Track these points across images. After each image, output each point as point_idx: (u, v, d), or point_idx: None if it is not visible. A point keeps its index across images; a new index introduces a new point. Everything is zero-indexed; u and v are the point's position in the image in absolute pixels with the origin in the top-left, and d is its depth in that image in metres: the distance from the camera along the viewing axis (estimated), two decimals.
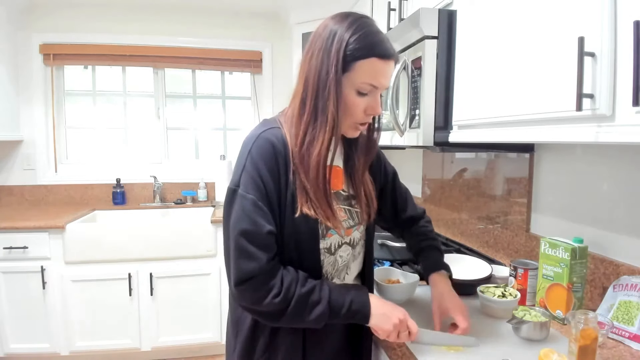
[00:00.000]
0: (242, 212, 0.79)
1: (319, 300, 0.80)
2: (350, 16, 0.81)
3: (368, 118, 0.85)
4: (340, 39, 0.78)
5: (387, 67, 0.81)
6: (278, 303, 0.78)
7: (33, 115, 2.76)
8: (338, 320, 0.83)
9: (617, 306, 0.94)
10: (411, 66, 1.28)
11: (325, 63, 0.78)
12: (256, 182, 0.79)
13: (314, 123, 0.80)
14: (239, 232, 0.78)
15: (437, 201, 2.07)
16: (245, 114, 3.16)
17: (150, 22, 2.86)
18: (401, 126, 1.34)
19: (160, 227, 2.37)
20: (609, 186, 1.10)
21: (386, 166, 1.08)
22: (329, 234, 0.87)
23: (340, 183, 0.92)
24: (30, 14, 2.71)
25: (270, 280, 0.78)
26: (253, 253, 0.78)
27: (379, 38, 0.80)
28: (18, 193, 2.79)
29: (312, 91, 0.80)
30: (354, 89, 0.81)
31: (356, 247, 0.95)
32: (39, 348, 2.27)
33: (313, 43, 0.82)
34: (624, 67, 0.66)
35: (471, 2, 1.10)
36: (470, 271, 1.23)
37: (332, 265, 0.90)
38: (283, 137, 0.82)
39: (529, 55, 0.87)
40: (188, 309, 2.38)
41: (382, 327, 0.83)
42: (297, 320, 0.81)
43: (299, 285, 0.80)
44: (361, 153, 0.93)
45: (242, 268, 0.78)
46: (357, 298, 0.84)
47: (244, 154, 0.82)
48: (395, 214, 1.10)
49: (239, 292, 0.79)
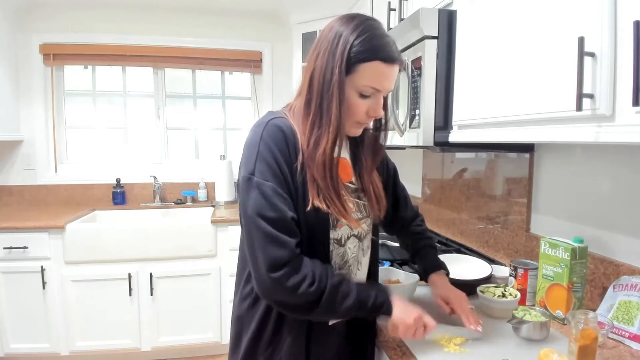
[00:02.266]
0: (263, 199, 0.77)
1: (349, 292, 0.81)
2: (357, 18, 0.82)
3: (370, 119, 0.86)
4: (345, 41, 0.78)
5: (390, 71, 0.81)
6: (313, 292, 0.77)
7: (33, 115, 2.76)
8: (364, 312, 0.84)
9: (617, 306, 0.94)
10: (411, 66, 1.28)
11: (330, 64, 0.79)
12: (273, 169, 0.78)
13: (319, 123, 0.81)
14: (263, 220, 0.76)
15: (437, 201, 2.07)
16: (245, 114, 3.16)
17: (150, 22, 2.86)
18: (401, 126, 1.34)
19: (160, 227, 2.37)
20: (609, 186, 1.10)
21: (388, 162, 1.09)
22: (339, 224, 0.87)
23: (348, 175, 0.92)
24: (30, 14, 2.70)
25: (302, 268, 0.78)
26: (281, 238, 0.77)
27: (384, 41, 0.80)
28: (18, 193, 2.79)
29: (317, 91, 0.81)
30: (356, 91, 0.81)
31: (364, 240, 0.95)
32: (39, 348, 2.27)
33: (319, 44, 0.83)
34: (624, 67, 0.66)
35: (471, 2, 1.10)
36: (470, 271, 1.24)
37: (341, 257, 0.90)
38: (291, 127, 0.83)
39: (529, 55, 0.87)
40: (188, 309, 2.38)
41: (405, 321, 0.84)
42: (328, 312, 0.81)
43: (330, 275, 0.80)
44: (368, 153, 0.94)
45: (272, 255, 0.76)
46: (380, 292, 0.86)
47: (255, 140, 0.81)
48: (395, 211, 1.11)
49: (273, 280, 0.76)
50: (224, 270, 2.40)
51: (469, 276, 1.19)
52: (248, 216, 0.78)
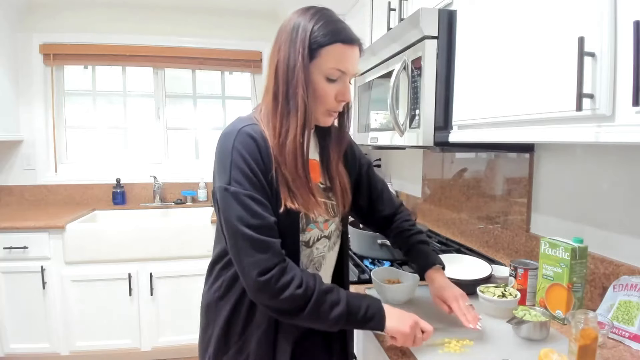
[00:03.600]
0: (243, 209, 0.78)
1: (338, 301, 0.81)
2: (312, 8, 0.86)
3: (339, 105, 0.88)
4: (305, 29, 0.82)
5: (351, 51, 0.84)
6: (301, 295, 0.77)
7: (33, 115, 2.76)
8: (353, 324, 0.83)
9: (617, 306, 0.94)
10: (411, 66, 1.28)
11: (292, 53, 0.81)
12: (248, 177, 0.79)
13: (287, 112, 0.82)
14: (247, 227, 0.77)
15: (437, 201, 2.07)
16: (245, 114, 3.15)
17: (150, 22, 2.86)
18: (401, 126, 1.34)
19: (160, 227, 2.37)
20: (609, 186, 1.10)
21: (361, 158, 1.10)
22: (308, 228, 0.89)
23: (317, 176, 0.94)
24: (30, 14, 2.70)
25: (290, 270, 0.79)
26: (266, 242, 0.78)
27: (341, 26, 0.84)
28: (18, 193, 2.79)
29: (283, 83, 0.82)
30: (323, 76, 0.83)
31: (331, 237, 0.97)
32: (39, 348, 2.27)
33: (279, 37, 0.86)
34: (624, 67, 0.66)
35: (471, 2, 1.10)
36: (470, 271, 1.23)
37: (308, 257, 0.92)
38: (262, 133, 0.83)
39: (529, 55, 0.87)
40: (188, 309, 2.38)
41: (400, 330, 0.83)
42: (315, 318, 0.80)
43: (318, 282, 0.81)
44: (334, 143, 0.96)
45: (259, 258, 0.77)
46: (372, 303, 0.85)
47: (227, 149, 0.81)
48: (372, 206, 1.11)
49: (262, 283, 0.77)
50: None
51: (469, 276, 1.19)
52: (231, 226, 0.79)
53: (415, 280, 1.13)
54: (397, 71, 1.32)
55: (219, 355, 0.90)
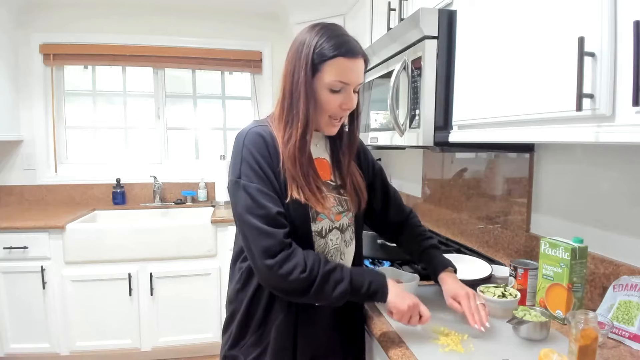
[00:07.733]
0: (250, 199, 0.86)
1: (342, 279, 0.88)
2: (318, 25, 0.92)
3: (344, 112, 0.94)
4: (309, 45, 0.89)
5: (353, 64, 0.89)
6: (305, 279, 0.84)
7: (33, 115, 2.76)
8: (358, 298, 0.91)
9: (617, 306, 0.94)
10: (411, 66, 1.28)
11: (297, 68, 0.89)
12: (256, 171, 0.87)
13: (290, 121, 0.90)
14: (252, 217, 0.85)
15: (437, 201, 2.07)
16: (245, 114, 3.16)
17: (150, 22, 2.86)
18: (401, 126, 1.34)
19: (160, 227, 2.37)
20: (609, 186, 1.10)
21: (374, 163, 1.16)
22: (319, 217, 0.95)
23: (327, 174, 1.01)
24: (30, 14, 2.70)
25: (294, 257, 0.85)
26: (270, 231, 0.85)
27: (343, 40, 0.89)
28: (18, 193, 2.79)
29: (288, 95, 0.91)
30: (326, 88, 0.90)
31: (345, 232, 1.02)
32: (39, 348, 2.27)
33: (289, 52, 0.94)
34: (624, 67, 0.66)
35: (471, 2, 1.10)
36: (470, 271, 1.24)
37: (322, 248, 0.97)
38: (271, 132, 0.92)
39: (529, 55, 0.87)
40: (188, 309, 2.38)
41: (398, 307, 0.89)
42: (321, 297, 0.87)
43: (322, 264, 0.87)
44: (345, 145, 1.02)
45: (263, 245, 0.84)
46: (375, 279, 0.92)
47: (239, 148, 0.90)
48: (385, 211, 1.15)
49: (267, 268, 0.84)
50: (224, 270, 2.40)
51: (469, 276, 1.19)
52: (239, 215, 0.88)
53: (415, 281, 1.13)
54: (397, 71, 1.31)
55: (239, 342, 0.97)
